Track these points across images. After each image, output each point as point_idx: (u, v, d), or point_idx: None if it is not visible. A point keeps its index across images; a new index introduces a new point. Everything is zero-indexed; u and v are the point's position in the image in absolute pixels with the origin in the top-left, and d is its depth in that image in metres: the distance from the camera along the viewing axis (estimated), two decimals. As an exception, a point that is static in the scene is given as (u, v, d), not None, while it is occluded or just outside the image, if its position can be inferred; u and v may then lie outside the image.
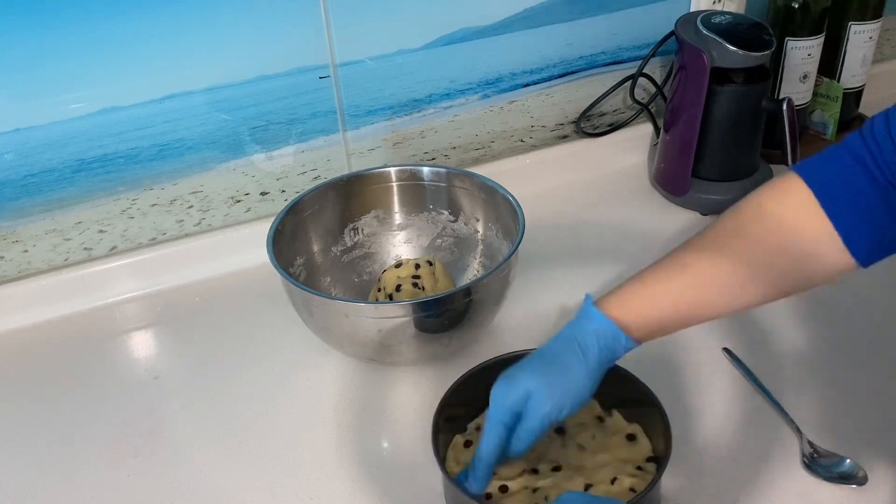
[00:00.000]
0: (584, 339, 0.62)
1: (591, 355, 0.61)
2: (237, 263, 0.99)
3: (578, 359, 0.61)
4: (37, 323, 0.93)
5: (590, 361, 0.61)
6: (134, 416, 0.80)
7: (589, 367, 0.61)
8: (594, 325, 0.62)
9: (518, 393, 0.61)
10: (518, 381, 0.62)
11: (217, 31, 0.88)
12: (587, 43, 1.10)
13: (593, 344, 0.62)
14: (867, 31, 1.12)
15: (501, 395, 0.62)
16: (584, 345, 0.62)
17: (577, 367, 0.61)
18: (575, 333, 0.63)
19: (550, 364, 0.62)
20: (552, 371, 0.61)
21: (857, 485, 0.68)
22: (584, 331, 0.62)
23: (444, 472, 0.63)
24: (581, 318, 0.63)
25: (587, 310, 0.63)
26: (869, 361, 0.81)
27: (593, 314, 0.62)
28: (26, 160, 0.88)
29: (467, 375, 0.71)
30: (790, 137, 1.00)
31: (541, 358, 0.63)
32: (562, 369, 0.61)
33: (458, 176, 0.92)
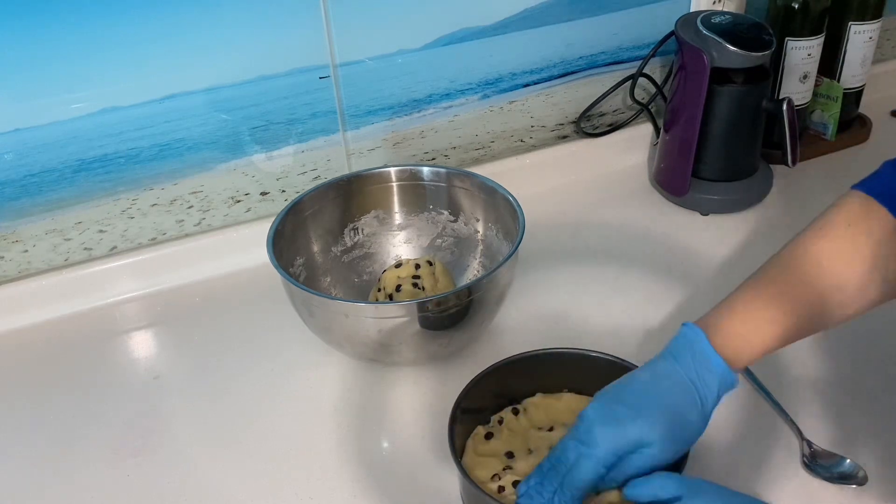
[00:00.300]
0: (705, 390, 0.58)
1: (710, 405, 0.58)
2: (237, 263, 0.99)
3: (698, 410, 0.58)
4: (37, 323, 0.93)
5: (707, 411, 0.59)
6: (134, 416, 0.80)
7: (706, 415, 0.59)
8: (717, 373, 0.58)
9: (631, 440, 0.57)
10: (632, 427, 0.57)
11: (217, 31, 0.88)
12: (587, 43, 1.10)
13: (714, 394, 0.58)
14: (867, 31, 1.12)
15: (609, 436, 0.57)
16: (705, 396, 0.58)
17: (696, 419, 0.58)
18: (694, 381, 0.58)
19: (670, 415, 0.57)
20: (674, 424, 0.57)
21: (857, 485, 0.68)
22: (705, 381, 0.58)
23: (460, 470, 0.63)
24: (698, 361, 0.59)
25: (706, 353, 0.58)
26: (869, 361, 0.81)
27: (714, 361, 0.58)
28: (26, 160, 0.88)
29: (484, 374, 0.70)
30: (790, 137, 1.01)
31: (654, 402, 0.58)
32: (684, 421, 0.58)
33: (458, 176, 0.92)
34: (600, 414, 0.58)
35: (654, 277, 0.95)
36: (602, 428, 0.58)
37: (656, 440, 0.57)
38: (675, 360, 0.59)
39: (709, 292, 0.91)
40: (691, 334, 0.60)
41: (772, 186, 1.09)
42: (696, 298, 0.91)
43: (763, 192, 1.08)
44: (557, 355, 0.72)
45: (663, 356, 0.61)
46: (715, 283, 0.93)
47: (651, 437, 0.57)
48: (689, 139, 1.04)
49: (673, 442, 0.57)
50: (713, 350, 0.58)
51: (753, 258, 0.98)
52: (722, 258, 0.98)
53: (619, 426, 0.57)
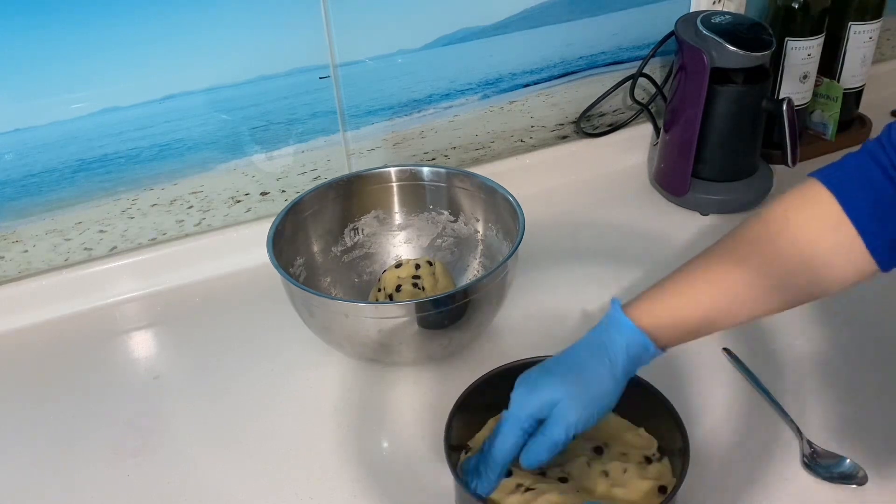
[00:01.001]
0: (614, 348, 0.61)
1: (619, 365, 0.60)
2: (237, 263, 0.99)
3: (607, 368, 0.60)
4: (37, 323, 0.93)
5: (617, 372, 0.60)
6: (134, 416, 0.80)
7: (616, 377, 0.60)
8: (624, 334, 0.61)
9: (542, 399, 0.60)
10: (543, 387, 0.60)
11: (217, 31, 0.88)
12: (587, 43, 1.10)
13: (623, 354, 0.60)
14: (867, 31, 1.12)
15: (523, 398, 0.61)
16: (614, 354, 0.60)
17: (605, 377, 0.60)
18: (604, 341, 0.61)
19: (578, 372, 0.61)
20: (580, 380, 0.60)
21: (857, 485, 0.68)
22: (614, 340, 0.61)
23: (455, 476, 0.63)
24: (610, 325, 0.62)
25: (617, 318, 0.62)
26: (869, 361, 0.81)
27: (624, 323, 0.61)
28: (26, 160, 0.88)
29: (483, 379, 0.70)
30: (790, 137, 1.00)
31: (567, 364, 0.62)
32: (590, 379, 0.60)
33: (458, 176, 0.92)
34: (521, 380, 0.62)
35: (654, 277, 0.93)
36: (517, 391, 0.62)
37: (562, 397, 0.59)
38: (594, 329, 0.63)
39: (709, 292, 0.91)
40: (613, 305, 0.63)
41: (772, 186, 1.09)
42: (696, 298, 0.91)
43: (763, 192, 1.08)
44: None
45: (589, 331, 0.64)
46: (715, 283, 0.93)
47: (558, 394, 0.60)
48: (689, 139, 1.04)
49: (581, 400, 0.60)
50: (622, 314, 0.61)
51: (753, 258, 0.97)
52: (722, 258, 0.98)
53: (529, 386, 0.61)
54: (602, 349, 0.61)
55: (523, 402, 0.61)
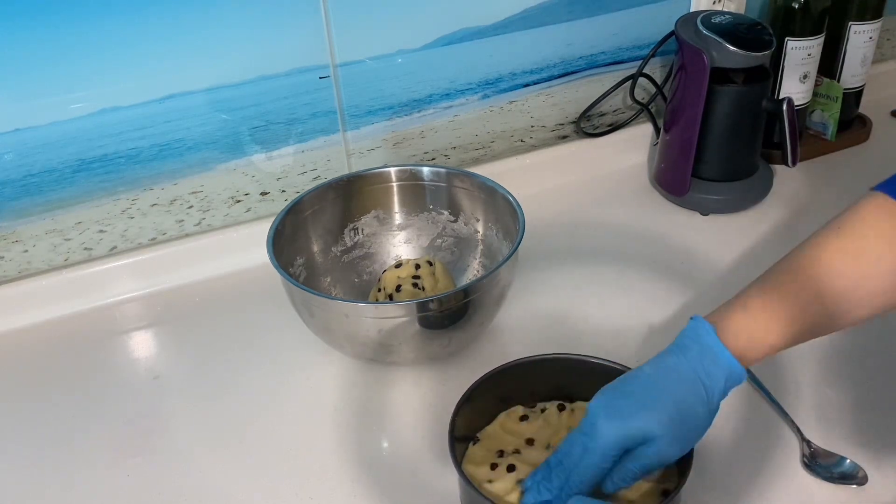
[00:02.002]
0: (713, 383, 0.57)
1: (716, 399, 0.58)
2: (237, 263, 0.99)
3: (704, 405, 0.57)
4: (37, 323, 0.93)
5: (713, 407, 0.58)
6: (134, 416, 0.80)
7: (712, 412, 0.58)
8: (722, 367, 0.57)
9: (637, 433, 0.57)
10: (637, 421, 0.57)
11: (217, 31, 0.88)
12: (587, 43, 1.10)
13: (720, 388, 0.57)
14: (867, 31, 1.12)
15: (611, 430, 0.57)
16: (712, 390, 0.57)
17: (703, 414, 0.57)
18: (700, 374, 0.57)
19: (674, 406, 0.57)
20: (678, 417, 0.57)
21: (857, 485, 0.68)
22: (711, 373, 0.57)
23: (459, 473, 0.62)
24: (704, 355, 0.58)
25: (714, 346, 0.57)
26: (869, 361, 0.81)
27: (722, 355, 0.57)
28: (26, 160, 0.88)
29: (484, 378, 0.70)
30: (790, 137, 1.01)
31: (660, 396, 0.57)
32: (687, 415, 0.57)
33: (458, 176, 0.92)
34: (605, 407, 0.58)
35: (654, 277, 0.95)
36: (606, 421, 0.57)
37: (661, 434, 0.56)
38: (682, 354, 0.59)
39: (709, 292, 0.91)
40: (699, 328, 0.59)
41: (772, 186, 1.09)
42: (697, 298, 0.91)
43: (763, 192, 1.08)
44: (565, 360, 0.71)
45: (670, 350, 0.60)
46: (715, 283, 0.93)
47: (656, 431, 0.56)
48: (689, 139, 1.04)
49: (678, 436, 0.57)
50: (720, 343, 0.57)
51: (754, 258, 0.98)
52: (722, 258, 0.98)
53: (623, 419, 0.57)
54: (699, 383, 0.57)
55: (613, 433, 0.57)
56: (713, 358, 0.57)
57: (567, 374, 0.71)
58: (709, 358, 0.57)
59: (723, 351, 0.57)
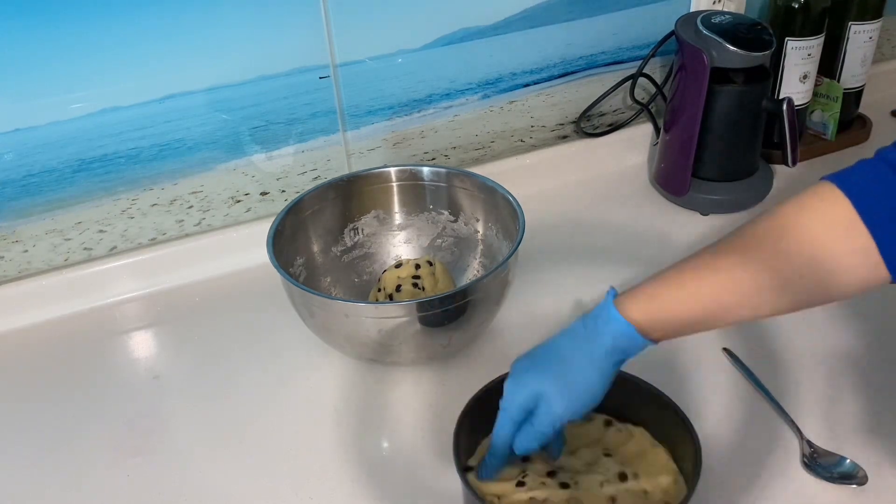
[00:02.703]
0: (599, 340, 0.60)
1: (605, 358, 0.60)
2: (237, 263, 0.99)
3: (589, 361, 0.60)
4: (37, 323, 0.93)
5: (603, 364, 0.60)
6: (134, 416, 0.80)
7: (602, 369, 0.60)
8: (612, 327, 0.60)
9: (529, 391, 0.61)
10: (529, 380, 0.61)
11: (217, 31, 0.88)
12: (587, 43, 1.10)
13: (608, 346, 0.60)
14: (867, 31, 1.12)
15: (512, 391, 0.62)
16: (598, 347, 0.60)
17: (590, 370, 0.60)
18: (589, 334, 0.61)
19: (563, 365, 0.61)
20: (565, 373, 0.60)
21: (857, 485, 0.68)
22: (600, 332, 0.60)
23: (462, 480, 0.62)
24: (598, 317, 0.61)
25: (607, 310, 0.60)
26: (869, 361, 0.81)
27: (612, 316, 0.60)
28: (26, 160, 0.88)
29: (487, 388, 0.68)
30: (790, 137, 1.01)
31: (551, 356, 0.62)
32: (575, 371, 0.60)
33: (458, 176, 0.92)
34: (512, 370, 0.63)
35: (654, 277, 0.95)
36: (508, 382, 0.63)
37: (548, 390, 0.60)
38: (583, 319, 0.63)
39: (709, 292, 0.91)
40: (607, 296, 0.62)
41: (772, 186, 1.09)
42: (696, 298, 0.91)
43: (763, 192, 1.08)
44: None
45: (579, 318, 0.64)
46: (715, 283, 0.93)
47: (544, 387, 0.60)
48: (689, 139, 1.04)
49: (564, 392, 0.60)
50: (613, 307, 0.60)
51: (753, 258, 0.97)
52: (722, 258, 0.98)
53: (516, 379, 0.62)
54: (586, 341, 0.61)
55: (512, 394, 0.62)
56: (605, 319, 0.60)
57: None
58: (601, 319, 0.61)
59: (613, 312, 0.60)
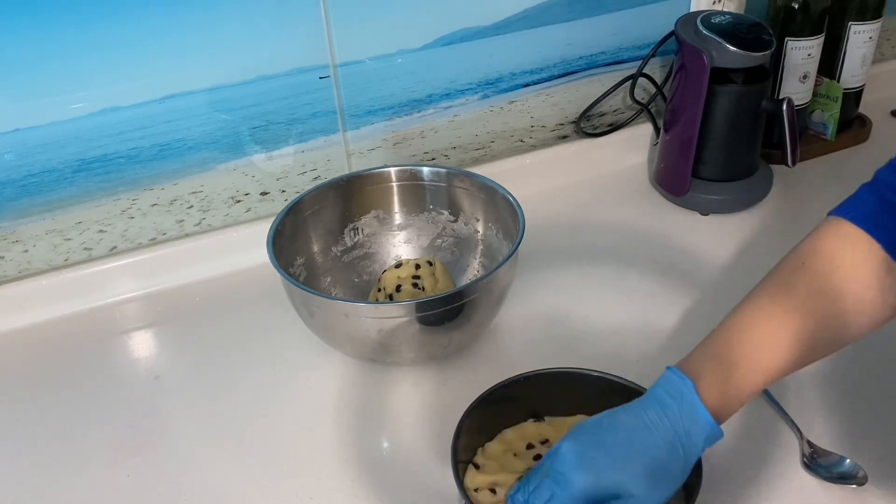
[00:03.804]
0: (691, 443, 0.56)
1: (692, 459, 0.57)
2: (237, 263, 0.99)
3: (681, 466, 0.56)
4: (37, 323, 0.93)
5: (690, 465, 0.57)
6: (134, 416, 0.80)
7: (688, 470, 0.57)
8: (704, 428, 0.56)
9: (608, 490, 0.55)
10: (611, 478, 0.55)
11: (217, 31, 0.88)
12: (587, 43, 1.10)
13: (699, 448, 0.56)
14: (867, 31, 1.12)
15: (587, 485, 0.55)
16: (690, 453, 0.56)
17: (678, 473, 0.56)
18: (679, 434, 0.56)
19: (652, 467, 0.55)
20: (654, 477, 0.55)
21: (857, 485, 0.68)
22: (692, 434, 0.56)
23: (460, 489, 0.62)
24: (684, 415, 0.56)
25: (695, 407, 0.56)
26: (869, 361, 0.81)
27: (703, 416, 0.56)
28: (26, 160, 0.88)
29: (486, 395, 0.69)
30: (790, 137, 1.01)
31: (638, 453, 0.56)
32: (663, 476, 0.56)
33: (458, 176, 0.92)
34: (579, 458, 0.57)
35: (654, 277, 0.95)
36: (579, 473, 0.56)
37: (635, 493, 0.55)
38: (662, 410, 0.57)
39: (709, 292, 0.91)
40: (681, 384, 0.57)
41: (772, 186, 1.09)
42: (696, 298, 0.91)
43: (763, 192, 1.08)
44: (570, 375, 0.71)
45: (648, 402, 0.58)
46: (715, 283, 0.93)
47: (630, 490, 0.55)
48: (689, 139, 1.04)
49: (651, 494, 0.56)
50: (701, 404, 0.56)
51: (753, 258, 0.98)
52: (722, 258, 0.98)
53: (597, 475, 0.56)
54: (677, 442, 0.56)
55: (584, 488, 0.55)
56: (693, 418, 0.56)
57: (577, 388, 0.70)
58: (689, 418, 0.56)
59: (704, 412, 0.56)
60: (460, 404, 0.68)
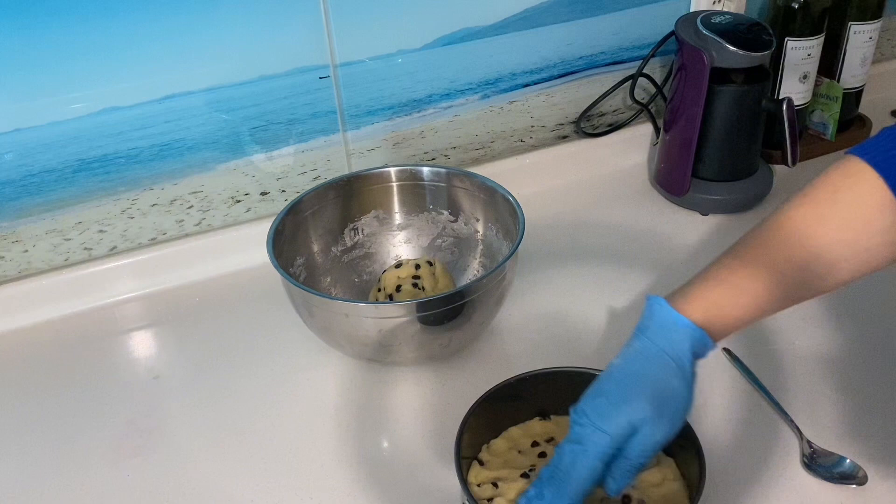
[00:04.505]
0: (678, 351, 0.56)
1: (688, 368, 0.56)
2: (237, 263, 0.99)
3: (678, 377, 0.56)
4: (37, 323, 0.93)
5: (688, 375, 0.56)
6: (134, 416, 0.80)
7: (688, 381, 0.57)
8: (684, 333, 0.56)
9: (624, 426, 0.55)
10: (622, 415, 0.55)
11: (217, 31, 0.88)
12: (587, 43, 1.10)
13: (688, 355, 0.56)
14: (867, 31, 1.12)
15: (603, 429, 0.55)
16: (680, 358, 0.56)
17: (680, 386, 0.56)
18: (664, 347, 0.56)
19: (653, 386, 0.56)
20: (660, 397, 0.55)
21: (857, 485, 0.68)
22: (675, 342, 0.56)
23: (464, 488, 0.62)
24: (665, 327, 0.57)
25: (670, 317, 0.57)
26: (869, 361, 0.81)
27: (680, 322, 0.56)
28: (26, 160, 0.88)
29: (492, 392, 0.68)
30: (790, 137, 1.00)
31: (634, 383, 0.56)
32: (666, 393, 0.56)
33: (458, 176, 0.92)
34: (588, 411, 0.57)
35: (655, 277, 0.95)
36: (592, 423, 0.56)
37: (646, 419, 0.55)
38: (643, 335, 0.58)
39: (709, 292, 0.91)
40: (653, 304, 0.58)
41: (772, 186, 1.09)
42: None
43: (763, 192, 1.08)
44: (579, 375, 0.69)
45: (633, 335, 0.59)
46: (715, 283, 0.93)
47: (640, 417, 0.55)
48: (689, 139, 1.04)
49: (663, 415, 0.56)
50: (674, 311, 0.57)
51: (753, 258, 0.97)
52: (722, 258, 0.98)
53: (608, 417, 0.56)
54: (665, 356, 0.56)
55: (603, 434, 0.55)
56: (672, 327, 0.57)
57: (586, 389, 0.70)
58: (669, 329, 0.57)
59: (679, 318, 0.56)
60: (460, 404, 0.68)
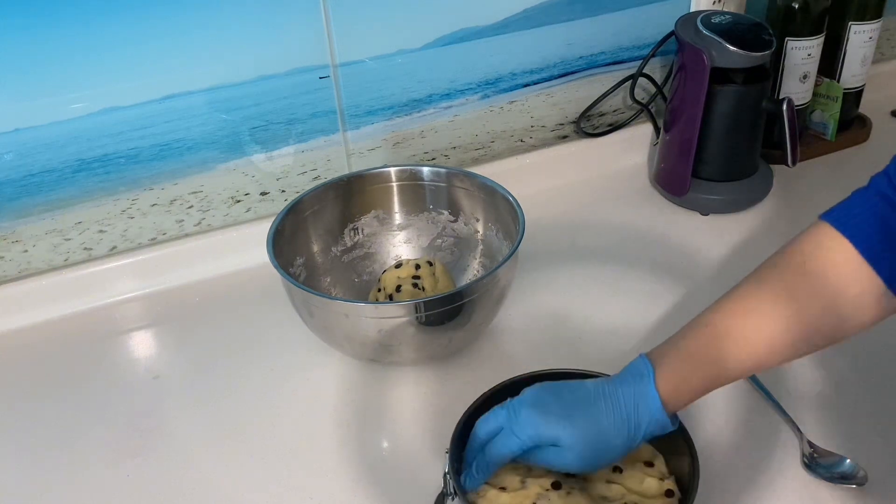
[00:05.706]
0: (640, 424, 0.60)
1: (638, 439, 0.60)
2: (237, 263, 0.99)
3: (624, 439, 0.60)
4: (37, 323, 0.93)
5: (634, 443, 0.61)
6: (134, 416, 0.80)
7: (630, 447, 0.61)
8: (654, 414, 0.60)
9: (551, 435, 0.60)
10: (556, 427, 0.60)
11: (217, 31, 0.88)
12: (587, 43, 1.10)
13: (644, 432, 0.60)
14: (867, 31, 1.12)
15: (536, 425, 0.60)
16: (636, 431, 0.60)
17: (619, 447, 0.60)
18: (630, 412, 0.60)
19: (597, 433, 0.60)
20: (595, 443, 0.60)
21: (857, 485, 0.68)
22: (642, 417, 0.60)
23: (460, 491, 0.62)
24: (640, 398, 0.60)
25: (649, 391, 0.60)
26: (869, 361, 0.81)
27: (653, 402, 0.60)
28: (26, 160, 0.88)
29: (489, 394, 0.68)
30: (790, 137, 1.01)
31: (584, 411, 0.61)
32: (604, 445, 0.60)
33: (458, 176, 0.92)
34: (537, 402, 0.62)
35: (654, 277, 0.95)
36: (530, 413, 0.61)
37: (571, 447, 0.60)
38: (623, 386, 0.61)
39: (708, 292, 0.91)
40: (644, 368, 0.61)
41: (772, 186, 1.09)
42: (696, 298, 0.91)
43: (763, 192, 1.08)
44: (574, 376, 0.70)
45: (614, 378, 0.63)
46: (715, 283, 0.93)
47: (569, 443, 0.60)
48: (689, 139, 1.04)
49: (587, 456, 0.60)
50: (654, 390, 0.60)
51: (753, 258, 0.98)
52: (722, 258, 0.98)
53: (545, 420, 0.60)
54: (628, 422, 0.60)
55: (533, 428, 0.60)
56: (646, 400, 0.60)
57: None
58: (642, 399, 0.60)
59: (654, 398, 0.60)
60: (460, 404, 0.68)
